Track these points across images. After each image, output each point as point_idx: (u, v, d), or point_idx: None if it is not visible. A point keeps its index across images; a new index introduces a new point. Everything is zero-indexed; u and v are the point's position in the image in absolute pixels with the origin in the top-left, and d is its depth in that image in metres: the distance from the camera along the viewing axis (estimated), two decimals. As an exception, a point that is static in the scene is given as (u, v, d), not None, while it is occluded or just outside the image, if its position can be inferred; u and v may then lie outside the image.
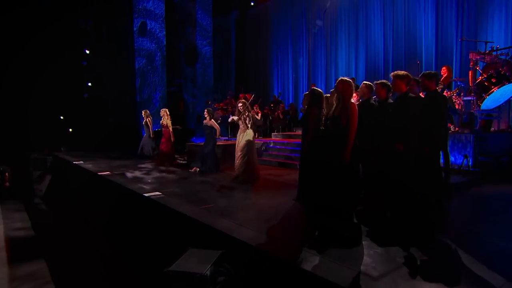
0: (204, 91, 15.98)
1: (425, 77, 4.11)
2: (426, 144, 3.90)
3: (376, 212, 4.06)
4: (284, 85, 15.16)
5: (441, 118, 3.90)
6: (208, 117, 7.45)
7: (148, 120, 9.82)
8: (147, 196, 4.95)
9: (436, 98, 3.94)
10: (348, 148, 3.56)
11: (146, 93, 15.86)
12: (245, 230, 3.39)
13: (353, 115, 3.58)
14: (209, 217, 3.86)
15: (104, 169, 7.89)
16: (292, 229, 3.57)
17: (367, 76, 11.74)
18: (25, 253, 5.55)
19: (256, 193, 5.31)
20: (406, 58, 10.32)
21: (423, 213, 3.90)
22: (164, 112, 9.07)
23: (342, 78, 3.85)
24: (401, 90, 3.92)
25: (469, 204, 4.79)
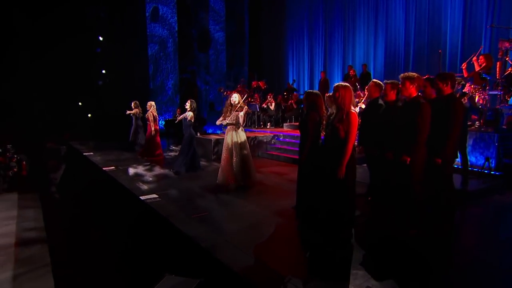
0: (217, 78, 15.68)
1: (439, 79, 3.65)
2: (438, 156, 3.50)
3: (378, 228, 3.74)
4: (299, 72, 14.61)
5: (455, 127, 3.46)
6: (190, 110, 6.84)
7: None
8: (143, 199, 4.83)
9: (451, 104, 3.49)
10: (344, 162, 3.22)
11: (159, 80, 15.75)
12: (231, 249, 3.18)
13: (352, 126, 3.22)
14: (197, 229, 3.67)
15: (110, 162, 7.89)
16: (282, 249, 3.31)
17: (385, 63, 11.07)
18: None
19: (253, 199, 4.97)
20: (429, 46, 9.57)
21: (431, 229, 3.55)
22: (150, 105, 8.83)
23: (341, 84, 3.46)
24: (411, 95, 3.49)
25: (487, 217, 4.36)
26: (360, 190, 5.18)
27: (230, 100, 5.48)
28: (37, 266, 5.68)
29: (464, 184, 5.20)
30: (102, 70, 16.27)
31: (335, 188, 3.32)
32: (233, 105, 5.41)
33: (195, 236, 3.45)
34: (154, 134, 8.55)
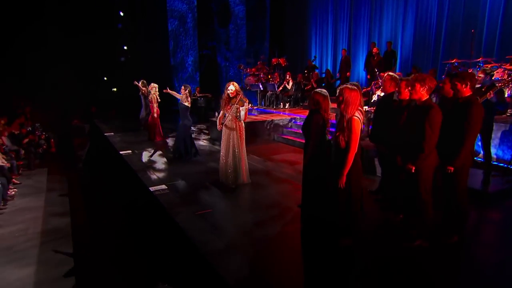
0: (237, 54, 15.34)
1: (458, 79, 3.32)
2: (450, 163, 3.27)
3: (383, 238, 3.63)
4: (322, 48, 13.95)
5: (471, 134, 3.18)
6: (184, 95, 6.61)
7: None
8: (152, 190, 4.94)
9: (469, 108, 3.18)
10: (344, 173, 3.08)
11: (179, 56, 15.66)
12: (229, 257, 3.20)
13: (353, 135, 3.03)
14: (199, 230, 3.72)
15: (128, 145, 8.09)
16: (281, 257, 3.27)
17: (414, 42, 10.31)
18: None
19: (259, 195, 4.87)
20: (464, 26, 8.69)
21: (439, 241, 3.39)
22: (152, 87, 8.76)
23: (348, 86, 3.22)
24: (421, 98, 3.22)
25: (509, 224, 4.07)
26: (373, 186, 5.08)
27: (226, 91, 4.87)
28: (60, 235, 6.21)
29: (485, 183, 4.90)
30: (123, 46, 16.36)
31: (336, 198, 3.21)
32: (231, 97, 4.87)
33: (196, 239, 3.49)
34: (155, 118, 8.60)
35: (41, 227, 6.57)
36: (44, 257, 5.43)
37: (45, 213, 7.27)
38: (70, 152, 11.47)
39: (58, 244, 5.93)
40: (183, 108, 6.66)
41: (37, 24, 15.51)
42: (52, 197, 8.27)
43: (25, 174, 10.05)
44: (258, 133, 8.72)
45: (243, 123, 5.00)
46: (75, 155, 11.27)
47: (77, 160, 10.97)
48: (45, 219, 6.95)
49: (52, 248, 5.79)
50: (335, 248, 3.31)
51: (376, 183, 5.06)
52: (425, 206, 3.27)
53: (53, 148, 11.51)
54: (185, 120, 6.65)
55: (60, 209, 7.62)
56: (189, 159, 6.70)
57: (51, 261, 5.36)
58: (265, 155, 7.27)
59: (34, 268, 5.08)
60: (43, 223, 6.75)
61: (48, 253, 5.56)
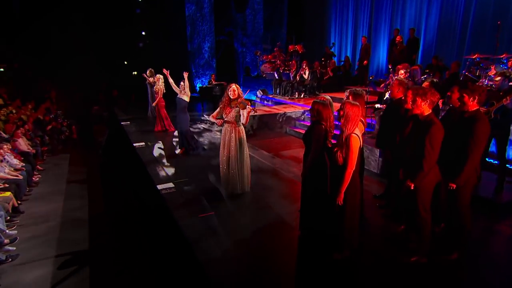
0: (254, 40, 15.09)
1: (467, 91, 3.15)
2: (452, 180, 3.16)
3: (380, 253, 3.60)
4: (341, 35, 13.44)
5: (475, 153, 3.04)
6: (182, 89, 6.60)
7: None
8: (160, 189, 5.09)
9: (474, 125, 3.04)
10: (342, 189, 3.05)
11: (196, 42, 15.60)
12: (225, 266, 3.30)
13: (350, 153, 2.97)
14: (199, 235, 3.83)
15: (142, 136, 8.28)
16: (274, 270, 3.31)
17: (438, 31, 9.75)
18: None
19: (264, 196, 4.91)
20: (493, 17, 8.08)
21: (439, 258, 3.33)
22: (158, 78, 8.75)
23: (350, 101, 3.14)
24: (422, 113, 3.09)
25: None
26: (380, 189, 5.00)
27: (228, 92, 4.60)
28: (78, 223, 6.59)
29: (497, 190, 4.71)
30: (142, 32, 16.45)
31: (332, 213, 3.21)
32: (231, 99, 4.58)
33: (195, 245, 3.60)
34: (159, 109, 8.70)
35: (61, 215, 6.97)
36: (62, 245, 5.80)
37: (66, 200, 7.68)
38: (90, 139, 11.88)
39: (76, 231, 6.31)
40: (182, 104, 6.68)
41: (61, 10, 15.82)
42: (73, 185, 8.69)
43: (49, 160, 10.56)
44: (270, 126, 8.69)
45: (243, 127, 4.74)
46: (95, 142, 11.67)
47: (97, 147, 11.37)
48: (65, 207, 7.35)
49: (70, 235, 6.17)
50: (329, 260, 3.33)
51: (383, 186, 4.98)
52: (424, 223, 3.21)
53: (74, 134, 11.97)
54: (184, 117, 6.68)
55: (79, 196, 8.03)
56: (198, 153, 6.78)
57: (68, 247, 5.72)
58: (274, 150, 7.27)
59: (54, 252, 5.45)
60: (63, 211, 7.15)
61: (65, 241, 5.92)
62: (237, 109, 4.56)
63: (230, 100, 4.58)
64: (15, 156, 8.82)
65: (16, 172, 7.98)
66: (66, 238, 6.03)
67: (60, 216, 6.94)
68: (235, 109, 4.57)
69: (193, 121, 10.20)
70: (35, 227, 6.37)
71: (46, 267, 5.18)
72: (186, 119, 6.70)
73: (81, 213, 7.07)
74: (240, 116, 4.61)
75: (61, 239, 6.00)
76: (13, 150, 9.16)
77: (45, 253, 5.53)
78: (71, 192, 8.21)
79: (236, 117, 4.60)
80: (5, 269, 5.04)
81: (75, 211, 7.14)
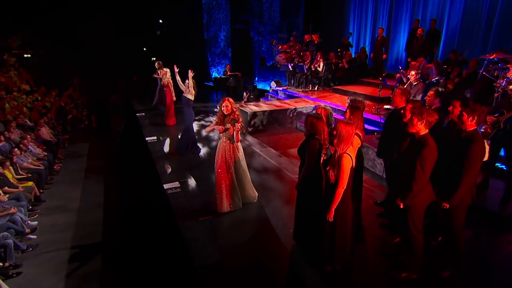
0: (270, 28, 14.84)
1: (467, 110, 3.07)
2: (446, 200, 3.14)
3: (371, 267, 3.65)
4: (360, 25, 12.96)
5: (469, 174, 2.99)
6: (187, 87, 6.64)
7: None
8: (166, 188, 5.28)
9: (470, 146, 2.97)
10: (332, 207, 3.09)
11: (212, 30, 15.53)
12: (219, 275, 3.44)
13: (342, 173, 2.98)
14: (198, 239, 3.99)
15: (154, 130, 8.49)
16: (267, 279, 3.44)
17: (461, 27, 9.26)
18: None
19: (264, 199, 4.96)
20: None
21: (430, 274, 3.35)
22: (165, 72, 8.91)
23: (344, 120, 3.13)
24: (418, 132, 3.04)
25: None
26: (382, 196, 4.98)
27: (221, 108, 4.42)
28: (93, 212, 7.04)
29: (504, 202, 4.58)
30: (159, 20, 16.53)
31: (323, 228, 3.27)
32: (225, 115, 4.39)
33: (193, 250, 3.77)
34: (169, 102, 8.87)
35: (78, 205, 7.38)
36: (77, 235, 6.19)
37: (83, 191, 8.09)
38: (108, 129, 12.31)
39: (91, 222, 6.68)
40: (187, 102, 6.77)
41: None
42: (90, 174, 9.12)
43: (69, 148, 11.07)
44: (280, 121, 8.68)
45: (238, 144, 4.49)
46: (112, 131, 12.08)
47: (114, 136, 11.78)
48: (83, 197, 7.76)
49: (85, 226, 6.55)
50: (321, 271, 3.42)
51: (386, 192, 4.95)
52: (414, 241, 3.21)
53: (93, 123, 12.43)
54: (189, 116, 6.76)
55: (96, 186, 8.43)
56: (185, 151, 6.77)
57: (83, 238, 6.10)
58: (282, 147, 7.30)
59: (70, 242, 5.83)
60: (80, 201, 7.56)
61: (81, 232, 6.31)
62: (229, 126, 4.33)
63: (224, 116, 4.40)
64: (38, 146, 9.32)
65: (38, 162, 8.45)
66: (81, 228, 6.42)
67: (78, 205, 7.35)
68: (227, 126, 4.34)
69: (205, 113, 10.34)
70: (54, 216, 6.79)
71: (62, 256, 5.56)
72: (190, 113, 6.81)
73: (97, 204, 7.45)
74: (233, 133, 4.37)
75: (77, 229, 6.39)
76: (36, 139, 9.67)
77: (62, 242, 5.92)
78: (89, 182, 8.63)
79: (229, 135, 4.38)
80: (27, 257, 5.45)
81: (91, 201, 7.53)
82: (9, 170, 7.17)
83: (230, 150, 4.40)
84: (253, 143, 7.62)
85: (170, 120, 9.08)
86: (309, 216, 3.55)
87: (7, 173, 7.01)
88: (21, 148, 8.18)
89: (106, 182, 8.57)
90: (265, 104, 9.29)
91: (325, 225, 3.25)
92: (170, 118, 9.07)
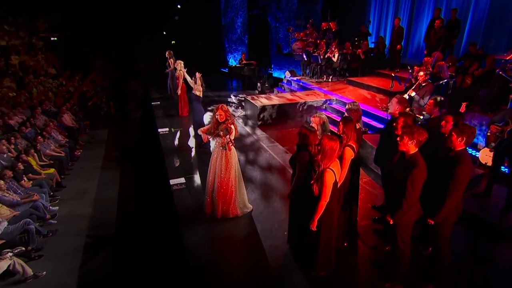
0: (288, 14, 14.54)
1: (456, 130, 3.06)
2: (431, 216, 3.20)
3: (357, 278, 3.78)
4: (381, 12, 12.46)
5: (455, 194, 3.02)
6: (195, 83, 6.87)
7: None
8: (172, 184, 5.55)
9: (457, 166, 2.99)
10: (315, 218, 3.22)
11: (229, 16, 15.42)
12: (212, 275, 3.68)
13: (324, 188, 3.08)
14: (197, 238, 4.23)
15: (167, 121, 8.75)
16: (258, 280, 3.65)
17: (488, 17, 8.75)
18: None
19: (266, 198, 5.15)
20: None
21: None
22: (178, 63, 8.97)
23: (328, 135, 3.20)
24: (408, 151, 3.07)
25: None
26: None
27: (215, 116, 4.40)
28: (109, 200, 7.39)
29: (504, 212, 4.53)
30: (177, 5, 16.55)
31: (309, 236, 3.43)
32: (220, 122, 4.36)
33: (191, 248, 4.03)
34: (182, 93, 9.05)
35: (96, 192, 7.80)
36: (93, 222, 6.62)
37: (100, 178, 8.51)
38: (126, 115, 12.72)
39: (106, 210, 7.09)
40: (194, 97, 6.99)
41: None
42: (108, 161, 9.54)
43: (90, 134, 11.55)
44: (291, 115, 8.71)
45: (233, 151, 4.45)
46: (129, 117, 12.48)
47: (131, 123, 12.18)
48: (100, 184, 8.19)
49: (101, 213, 6.95)
50: (308, 277, 3.59)
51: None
52: (401, 254, 3.30)
53: (112, 109, 12.87)
54: (199, 111, 6.99)
55: (113, 173, 8.84)
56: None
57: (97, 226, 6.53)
58: (290, 143, 7.36)
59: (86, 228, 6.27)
60: (97, 189, 7.97)
61: (96, 219, 6.73)
62: (221, 133, 4.30)
63: (218, 123, 4.36)
64: (60, 132, 9.83)
65: (60, 149, 8.96)
66: (97, 215, 6.84)
67: (95, 193, 7.79)
68: (220, 133, 4.30)
69: (218, 103, 10.45)
70: (73, 202, 7.24)
71: (79, 242, 6.01)
72: (199, 109, 7.01)
73: (113, 191, 7.85)
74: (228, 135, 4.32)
75: (92, 216, 6.82)
76: (58, 125, 10.19)
77: (79, 228, 6.37)
78: (106, 169, 9.05)
79: (222, 143, 4.35)
80: (47, 241, 5.94)
81: (107, 189, 7.94)
82: (33, 157, 7.67)
83: (222, 157, 4.36)
84: (261, 138, 7.75)
85: (184, 110, 9.31)
86: (299, 223, 3.71)
87: (31, 160, 7.52)
88: (44, 135, 8.68)
89: (122, 170, 8.94)
90: (276, 97, 9.32)
91: (310, 233, 3.39)
92: (183, 109, 9.29)
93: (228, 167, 4.38)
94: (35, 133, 8.89)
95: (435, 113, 4.08)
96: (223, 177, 4.38)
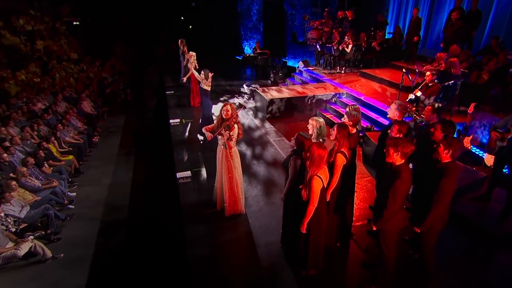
0: (304, 1, 14.25)
1: (444, 142, 3.11)
2: (416, 224, 3.30)
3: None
4: (401, 1, 12.02)
5: (440, 204, 3.10)
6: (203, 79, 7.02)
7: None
8: (178, 177, 5.81)
9: (443, 178, 3.05)
10: (304, 221, 3.39)
11: (245, 3, 15.29)
12: (208, 269, 3.94)
13: (312, 193, 3.22)
14: (197, 233, 4.49)
15: (179, 112, 8.98)
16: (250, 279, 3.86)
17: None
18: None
19: (266, 197, 5.29)
20: None
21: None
22: (191, 55, 9.06)
23: (317, 142, 3.31)
24: (394, 162, 3.15)
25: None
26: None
27: (221, 112, 4.46)
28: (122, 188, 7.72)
29: (501, 218, 4.54)
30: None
31: (299, 237, 3.61)
32: (225, 119, 4.41)
33: (190, 242, 4.30)
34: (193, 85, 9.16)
35: (111, 179, 8.20)
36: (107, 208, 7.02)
37: (116, 164, 8.90)
38: (142, 103, 13.07)
39: (120, 196, 7.47)
40: (202, 91, 7.15)
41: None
42: (123, 148, 9.91)
43: (108, 120, 11.98)
44: (299, 108, 8.75)
45: (235, 149, 4.55)
46: (145, 105, 12.83)
47: (146, 111, 12.52)
48: (116, 170, 8.58)
49: (115, 199, 7.35)
50: (297, 276, 3.80)
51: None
52: (386, 260, 3.43)
53: (129, 96, 13.25)
54: (207, 105, 7.13)
55: (126, 160, 9.21)
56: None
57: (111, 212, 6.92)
58: (297, 137, 7.48)
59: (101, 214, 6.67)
60: (112, 176, 8.34)
61: (111, 205, 7.14)
62: (224, 129, 4.37)
63: (223, 120, 4.42)
64: (79, 119, 10.29)
65: (79, 136, 9.41)
66: (112, 202, 7.25)
67: (111, 179, 8.20)
68: (222, 131, 4.37)
69: (231, 94, 10.62)
70: (88, 188, 7.67)
71: (94, 227, 6.44)
72: (208, 103, 7.18)
73: (127, 178, 8.24)
74: (231, 134, 4.41)
75: (107, 203, 7.22)
76: (78, 112, 10.66)
77: (94, 213, 6.78)
78: (121, 157, 9.46)
79: (224, 141, 4.43)
80: (65, 224, 6.40)
81: (122, 176, 8.34)
82: (53, 144, 8.14)
83: (223, 156, 4.48)
84: (269, 131, 7.88)
85: (196, 101, 9.52)
86: (291, 225, 3.89)
87: (51, 147, 7.99)
88: (64, 123, 9.13)
89: (136, 157, 9.32)
90: (286, 89, 9.35)
91: (300, 235, 3.58)
92: (195, 99, 9.50)
93: (231, 168, 4.50)
94: (56, 120, 9.35)
95: (433, 119, 4.10)
96: (229, 176, 4.54)
